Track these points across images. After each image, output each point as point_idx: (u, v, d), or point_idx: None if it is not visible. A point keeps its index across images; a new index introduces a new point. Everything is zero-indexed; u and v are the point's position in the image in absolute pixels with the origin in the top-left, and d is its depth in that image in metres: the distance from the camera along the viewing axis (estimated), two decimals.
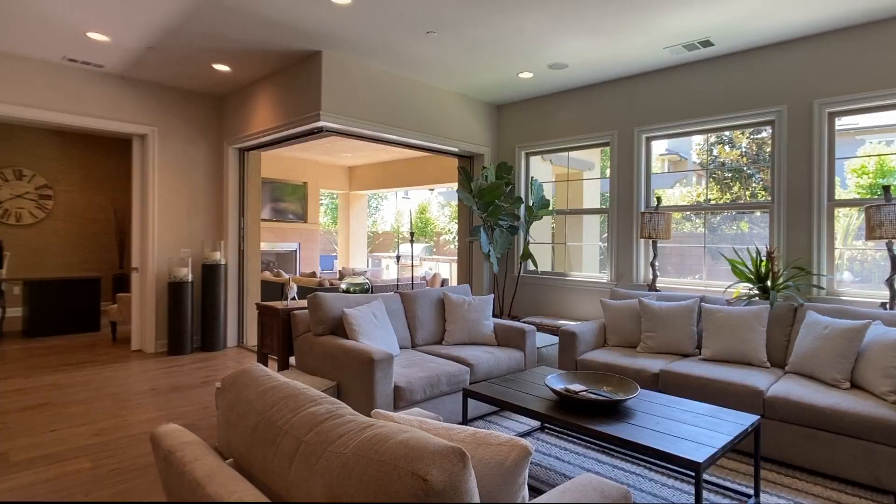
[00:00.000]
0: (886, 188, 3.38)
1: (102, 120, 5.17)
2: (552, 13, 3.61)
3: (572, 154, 6.03)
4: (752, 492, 2.63)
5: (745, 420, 2.50)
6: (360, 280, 4.47)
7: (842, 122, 3.84)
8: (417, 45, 4.27)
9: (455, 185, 9.31)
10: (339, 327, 3.57)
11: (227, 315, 5.92)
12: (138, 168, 5.63)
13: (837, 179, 3.84)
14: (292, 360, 5.03)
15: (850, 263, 4.23)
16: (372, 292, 6.54)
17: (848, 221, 4.18)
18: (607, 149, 5.19)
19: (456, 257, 6.39)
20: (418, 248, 14.33)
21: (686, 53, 4.28)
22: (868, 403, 2.72)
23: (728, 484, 2.72)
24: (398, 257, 5.73)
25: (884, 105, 3.64)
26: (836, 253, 3.88)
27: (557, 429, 3.44)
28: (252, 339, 6.04)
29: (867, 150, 6.27)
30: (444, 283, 8.70)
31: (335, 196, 15.48)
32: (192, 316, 5.68)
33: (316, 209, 10.70)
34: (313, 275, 8.82)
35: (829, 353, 3.04)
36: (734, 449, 3.13)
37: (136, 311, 5.66)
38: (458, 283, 6.10)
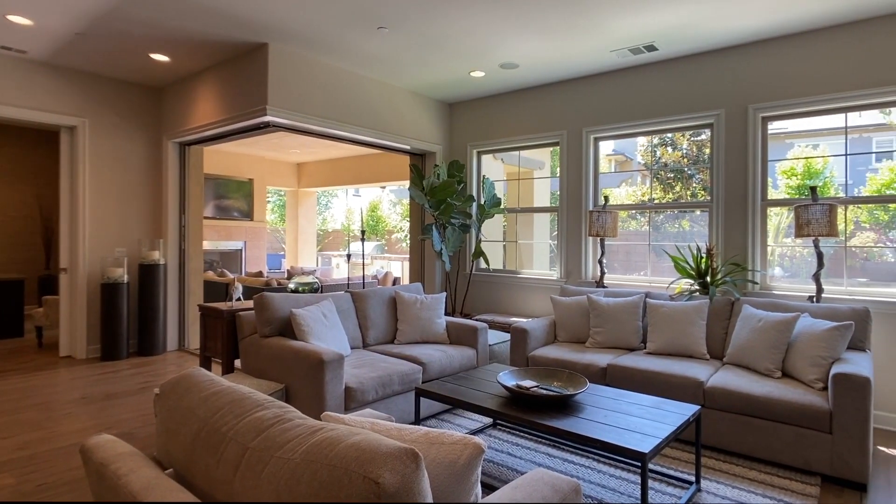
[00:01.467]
0: (813, 189, 3.61)
1: (25, 110, 4.79)
2: (503, 13, 3.63)
3: (523, 153, 6.11)
4: (693, 479, 2.74)
5: (687, 410, 2.60)
6: (309, 279, 4.35)
7: (774, 126, 4.08)
8: (368, 41, 4.20)
9: (407, 183, 9.26)
10: (288, 328, 3.47)
11: (167, 317, 5.63)
12: (67, 162, 5.26)
13: (770, 180, 4.08)
14: (237, 362, 4.84)
15: (781, 259, 4.51)
16: (322, 292, 6.39)
17: (779, 220, 4.46)
18: (557, 148, 5.29)
19: (408, 255, 6.36)
20: (369, 246, 14.14)
21: (632, 57, 4.42)
22: (798, 391, 2.89)
23: (672, 472, 2.83)
24: (349, 256, 5.62)
25: (811, 111, 3.89)
26: (769, 250, 4.12)
27: (509, 425, 3.48)
28: (194, 341, 5.78)
29: (796, 153, 6.75)
30: (395, 281, 8.63)
31: (283, 193, 15.05)
32: (129, 319, 5.37)
33: (262, 207, 10.36)
34: (260, 274, 8.55)
35: (763, 345, 3.22)
36: (677, 438, 3.26)
37: (65, 315, 5.29)
38: (411, 282, 6.06)
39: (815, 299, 3.59)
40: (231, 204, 9.77)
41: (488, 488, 2.62)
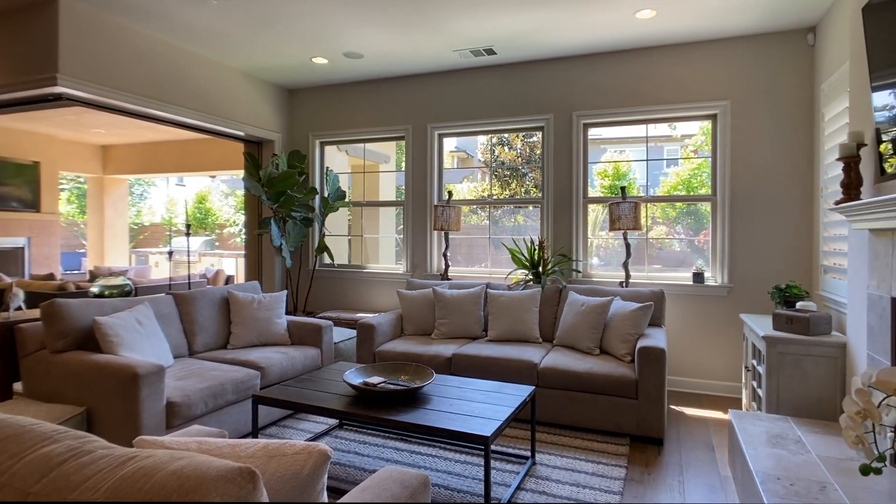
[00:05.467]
0: (623, 189, 4.16)
1: None
2: None
3: (369, 146, 6.03)
4: (529, 454, 2.96)
5: (524, 392, 2.80)
6: (118, 281, 3.74)
7: (592, 133, 4.61)
8: (195, 12, 3.72)
9: (241, 173, 8.53)
10: (90, 340, 2.92)
11: None
12: None
13: (589, 180, 4.60)
14: (17, 386, 3.96)
15: (598, 250, 5.12)
16: (136, 295, 5.57)
17: (596, 215, 5.07)
18: (403, 142, 5.31)
19: (243, 252, 5.85)
20: (196, 241, 12.72)
21: (473, 58, 4.61)
22: (612, 365, 3.29)
23: (511, 450, 3.01)
24: (171, 253, 4.98)
25: (618, 121, 4.47)
26: (589, 242, 4.65)
27: (357, 423, 3.39)
28: None
29: (608, 157, 7.79)
30: (229, 280, 7.93)
31: (83, 180, 12.80)
32: None
33: (54, 196, 8.69)
34: (51, 277, 7.17)
35: (585, 326, 3.61)
36: (516, 418, 3.49)
37: None
38: (247, 280, 5.60)
39: (624, 284, 4.15)
40: (8, 192, 7.99)
41: (336, 492, 2.51)
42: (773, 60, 3.96)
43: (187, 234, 4.73)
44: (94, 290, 3.64)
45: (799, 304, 3.05)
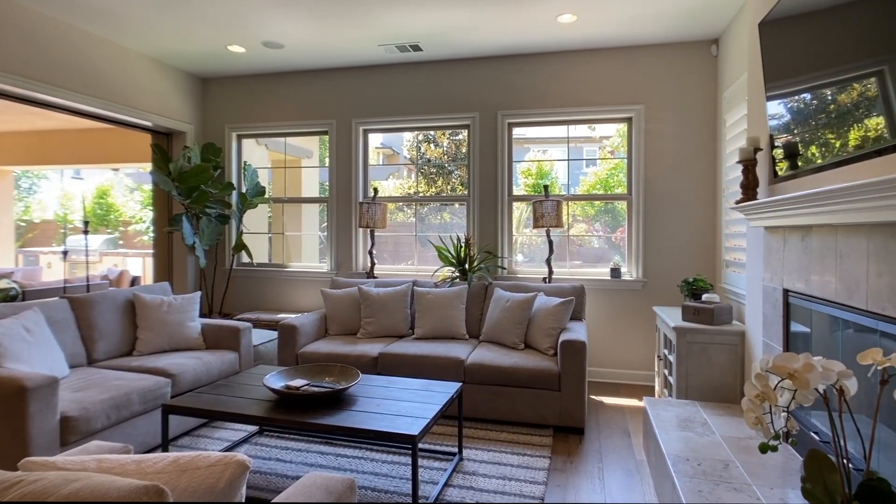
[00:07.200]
0: (546, 187, 4.29)
1: None
2: None
3: (290, 140, 5.79)
4: (456, 450, 2.97)
5: (451, 388, 2.80)
6: (1, 284, 3.33)
7: (516, 132, 4.72)
8: None
9: (149, 166, 7.91)
10: None
11: None
12: None
13: (514, 179, 4.70)
14: None
15: (522, 247, 5.25)
16: (24, 299, 5.00)
17: (520, 213, 5.19)
18: (326, 137, 5.15)
19: (152, 251, 5.42)
20: (97, 240, 11.62)
21: (399, 54, 4.55)
22: (536, 359, 3.38)
23: (438, 448, 3.01)
24: (66, 253, 4.52)
25: (541, 121, 4.60)
26: (514, 239, 4.75)
27: (279, 429, 3.25)
28: None
29: (531, 157, 8.02)
30: (135, 281, 7.35)
31: None
32: None
33: None
34: None
35: (510, 322, 3.68)
36: (444, 415, 3.49)
37: None
38: (156, 281, 5.20)
39: (547, 280, 4.28)
40: None
41: (258, 502, 2.38)
42: (681, 68, 4.24)
43: (85, 232, 4.30)
44: None
45: (704, 297, 3.29)
